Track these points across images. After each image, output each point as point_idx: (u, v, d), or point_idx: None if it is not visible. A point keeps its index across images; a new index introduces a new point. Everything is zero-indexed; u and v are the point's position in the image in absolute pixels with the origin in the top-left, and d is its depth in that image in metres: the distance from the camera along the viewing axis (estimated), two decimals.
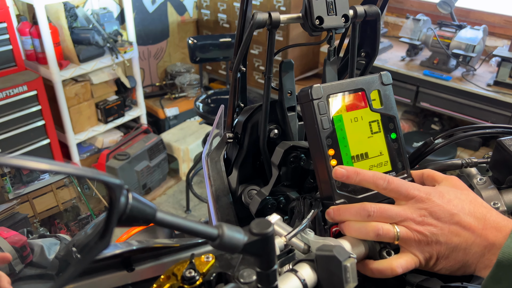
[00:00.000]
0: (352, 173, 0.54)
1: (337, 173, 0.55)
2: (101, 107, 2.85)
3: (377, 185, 0.54)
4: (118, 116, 2.94)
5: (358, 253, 0.54)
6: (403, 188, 0.53)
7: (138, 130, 2.99)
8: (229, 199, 0.73)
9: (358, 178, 0.54)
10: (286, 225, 0.55)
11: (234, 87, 0.70)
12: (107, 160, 2.73)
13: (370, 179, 0.54)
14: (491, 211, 0.53)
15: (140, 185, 2.87)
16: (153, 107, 3.40)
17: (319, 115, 0.57)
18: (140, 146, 2.86)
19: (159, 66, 3.67)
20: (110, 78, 2.87)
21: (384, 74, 0.62)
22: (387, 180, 0.54)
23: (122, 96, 2.97)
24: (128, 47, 2.83)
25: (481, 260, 0.50)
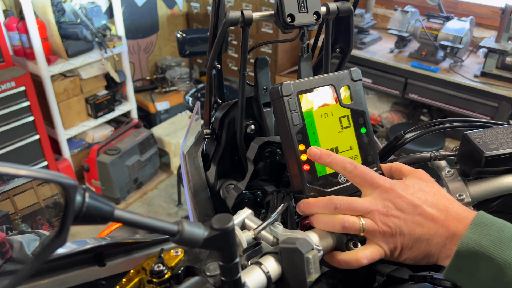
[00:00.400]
0: (324, 154, 0.57)
1: (311, 152, 0.57)
2: (90, 102, 2.84)
3: (345, 168, 0.56)
4: (108, 111, 2.94)
5: (325, 245, 0.55)
6: (368, 176, 0.55)
7: (128, 125, 3.00)
8: (207, 194, 0.74)
9: (329, 159, 0.57)
10: (256, 219, 0.56)
11: (210, 84, 0.71)
12: (98, 155, 2.73)
13: (340, 162, 0.56)
14: (454, 202, 0.54)
15: (132, 179, 2.88)
16: (143, 101, 3.40)
17: (289, 111, 0.59)
18: (130, 141, 2.86)
19: (149, 60, 3.66)
20: (100, 73, 2.87)
21: (353, 70, 0.63)
22: (355, 165, 0.56)
23: (112, 91, 2.97)
24: (117, 41, 2.82)
25: (443, 250, 0.52)
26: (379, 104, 3.09)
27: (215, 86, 0.75)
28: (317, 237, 0.55)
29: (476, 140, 0.61)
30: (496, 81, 2.45)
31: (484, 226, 0.50)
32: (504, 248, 0.48)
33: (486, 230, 0.50)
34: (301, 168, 0.59)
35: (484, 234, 0.49)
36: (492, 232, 0.49)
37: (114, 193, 2.80)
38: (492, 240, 0.49)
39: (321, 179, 0.60)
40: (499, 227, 0.50)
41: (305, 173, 0.59)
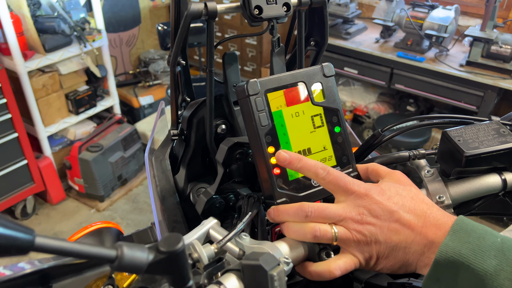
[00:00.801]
0: (294, 158, 0.53)
1: (279, 157, 0.53)
2: (71, 98, 2.77)
3: (317, 174, 0.52)
4: (90, 107, 2.87)
5: (296, 255, 0.52)
6: (342, 182, 0.51)
7: (111, 121, 2.93)
8: (175, 199, 0.70)
9: (300, 164, 0.53)
10: (222, 230, 0.52)
11: (175, 82, 0.66)
12: (80, 153, 2.66)
13: (312, 167, 0.52)
14: (432, 207, 0.51)
15: (115, 176, 2.82)
16: (126, 96, 3.32)
17: (256, 111, 0.54)
18: (113, 137, 2.80)
19: (131, 53, 3.57)
20: (80, 68, 2.79)
21: (326, 66, 0.59)
22: (328, 171, 0.52)
23: (93, 86, 2.89)
24: (97, 35, 2.74)
25: (421, 259, 0.49)
26: (366, 95, 3.06)
27: (181, 84, 0.70)
28: (287, 247, 0.51)
29: (456, 138, 0.57)
30: (481, 70, 2.43)
31: (463, 232, 0.47)
32: (484, 257, 0.44)
33: (465, 237, 0.46)
34: (270, 172, 0.55)
35: (464, 242, 0.46)
36: (472, 239, 0.46)
37: (97, 190, 2.74)
38: (472, 248, 0.45)
39: (293, 183, 0.56)
40: (480, 234, 0.46)
41: (275, 177, 0.55)
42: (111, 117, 2.99)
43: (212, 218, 0.53)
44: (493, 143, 0.56)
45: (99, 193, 2.75)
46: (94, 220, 2.69)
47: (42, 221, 2.68)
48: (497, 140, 0.56)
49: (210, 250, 0.46)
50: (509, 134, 0.57)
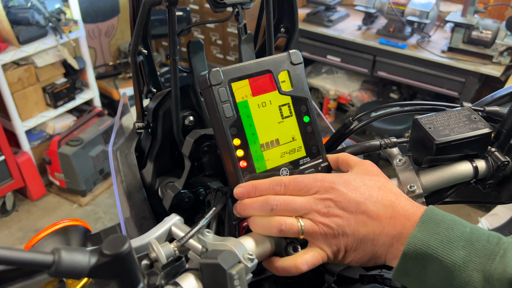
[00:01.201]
0: (250, 188, 0.51)
1: (237, 194, 0.52)
2: (48, 91, 2.69)
3: (276, 192, 0.51)
4: (69, 100, 2.80)
5: (262, 251, 0.50)
6: (303, 185, 0.50)
7: (91, 114, 2.87)
8: (142, 194, 0.67)
9: (257, 191, 0.51)
10: (185, 227, 0.50)
11: (136, 73, 0.63)
12: (59, 147, 2.61)
13: (267, 188, 0.51)
14: (400, 197, 0.49)
15: (97, 170, 2.77)
16: (107, 88, 3.26)
17: (220, 102, 0.52)
18: (93, 130, 2.74)
19: (111, 44, 3.50)
20: (56, 60, 2.71)
21: (293, 53, 0.57)
22: (283, 184, 0.50)
23: (71, 79, 2.82)
24: (73, 26, 2.66)
25: (390, 250, 0.47)
26: (349, 83, 3.05)
27: (145, 74, 0.67)
28: (252, 242, 0.49)
29: (427, 125, 0.55)
30: (463, 56, 2.43)
31: (432, 223, 0.46)
32: (453, 248, 0.43)
33: (434, 228, 0.45)
34: (236, 165, 0.53)
35: (433, 233, 0.45)
36: (441, 230, 0.45)
37: (79, 185, 2.69)
38: (440, 239, 0.44)
39: (261, 175, 0.54)
40: (449, 225, 0.45)
41: (242, 170, 0.53)
42: (91, 110, 2.93)
43: (175, 214, 0.51)
44: (464, 130, 0.55)
45: (81, 187, 2.70)
46: (76, 215, 2.65)
47: (22, 218, 2.63)
48: (468, 126, 0.55)
49: (169, 249, 0.44)
50: (480, 120, 0.56)
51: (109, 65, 3.49)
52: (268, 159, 0.54)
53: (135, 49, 0.60)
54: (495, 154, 0.56)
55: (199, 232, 0.47)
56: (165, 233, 0.49)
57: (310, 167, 0.57)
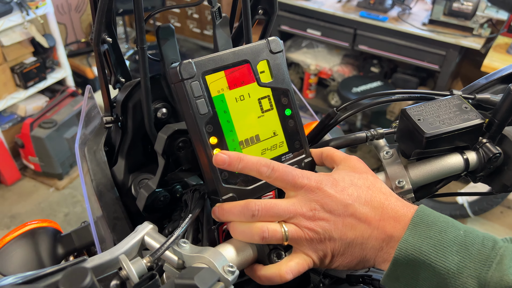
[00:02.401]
0: (234, 159, 0.46)
1: (217, 160, 0.46)
2: (17, 71, 2.56)
3: (261, 173, 0.46)
4: (39, 80, 2.67)
5: (244, 259, 0.47)
6: (290, 177, 0.46)
7: (63, 94, 2.75)
8: (114, 194, 0.63)
9: (241, 165, 0.46)
10: (160, 236, 0.46)
11: (101, 63, 0.57)
12: (32, 130, 2.50)
13: (254, 165, 0.46)
14: (390, 197, 0.46)
15: (73, 153, 2.69)
16: (80, 66, 3.12)
17: (193, 98, 0.47)
18: (67, 111, 2.64)
19: (82, 20, 3.34)
20: (24, 38, 2.57)
21: (272, 41, 0.52)
22: (272, 167, 0.46)
23: (41, 57, 2.68)
24: (40, 1, 2.51)
25: (379, 254, 0.45)
26: (329, 57, 3.00)
27: (111, 63, 0.61)
28: (233, 251, 0.46)
29: (416, 117, 0.52)
30: (444, 28, 2.40)
31: (424, 226, 0.43)
32: (446, 253, 0.41)
33: (426, 232, 0.42)
34: (213, 166, 0.48)
35: (425, 237, 0.42)
36: (433, 233, 0.42)
37: (55, 169, 2.61)
38: (433, 244, 0.41)
39: (241, 175, 0.50)
40: (441, 227, 0.42)
41: (220, 170, 0.49)
42: (63, 90, 2.81)
43: (148, 223, 0.47)
44: (455, 121, 0.52)
45: (57, 171, 2.62)
46: (54, 199, 2.58)
47: None
48: (459, 117, 0.52)
49: (141, 265, 0.40)
50: (471, 110, 0.53)
51: (81, 42, 3.34)
52: None
53: (98, 38, 0.54)
54: (486, 145, 0.53)
55: (175, 243, 0.44)
56: (137, 244, 0.45)
57: (293, 164, 0.53)
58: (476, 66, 2.50)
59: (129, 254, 0.44)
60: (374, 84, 2.75)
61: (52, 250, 0.65)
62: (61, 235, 0.68)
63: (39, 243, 0.65)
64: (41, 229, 0.67)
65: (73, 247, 0.68)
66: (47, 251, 0.65)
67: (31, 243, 0.65)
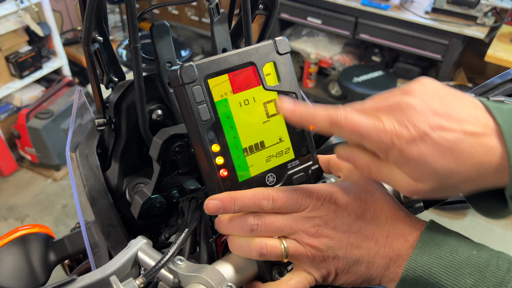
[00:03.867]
0: (227, 201, 0.43)
1: (209, 208, 0.43)
2: (12, 60, 2.51)
3: (262, 207, 0.43)
4: (35, 69, 2.62)
5: (244, 276, 0.44)
6: (294, 200, 0.43)
7: (60, 84, 2.71)
8: (108, 200, 0.60)
9: (237, 205, 0.43)
10: (154, 252, 0.43)
11: (92, 63, 0.54)
12: (28, 121, 2.47)
13: (251, 202, 0.43)
14: (398, 212, 0.43)
15: None
16: (76, 55, 3.07)
17: (194, 103, 0.44)
18: (64, 102, 2.60)
19: (78, 8, 3.27)
20: (18, 27, 2.51)
21: (280, 41, 0.49)
22: (271, 197, 0.43)
23: (36, 46, 2.63)
24: None
25: (386, 274, 0.42)
26: (330, 46, 2.95)
27: (103, 63, 0.58)
28: (231, 269, 0.43)
29: None
30: (447, 17, 2.35)
31: (434, 245, 0.40)
32: (458, 276, 0.38)
33: (436, 251, 0.40)
34: (216, 176, 0.45)
35: (435, 257, 0.39)
36: (444, 253, 0.39)
37: (52, 160, 2.58)
38: (444, 265, 0.39)
39: (244, 185, 0.47)
40: (453, 246, 0.40)
41: (222, 180, 0.46)
42: (60, 79, 2.76)
43: (141, 237, 0.44)
44: None
45: (54, 162, 2.59)
46: (51, 190, 2.56)
47: None
48: None
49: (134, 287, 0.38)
50: None
51: (77, 30, 3.28)
52: (252, 165, 0.47)
53: (87, 37, 0.50)
54: None
55: (170, 260, 0.41)
56: (130, 261, 0.42)
57: (299, 171, 0.50)
58: (479, 56, 2.46)
59: (122, 271, 0.42)
60: (375, 74, 2.71)
61: (44, 258, 0.63)
62: (54, 240, 0.66)
63: (30, 250, 0.63)
64: (32, 235, 0.64)
65: (66, 253, 0.65)
66: (38, 259, 0.62)
67: (22, 251, 0.62)
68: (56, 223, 2.36)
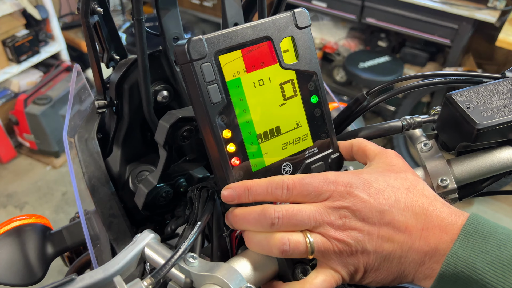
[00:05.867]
0: (242, 191, 0.39)
1: (225, 196, 0.40)
2: (9, 44, 2.45)
3: (276, 197, 0.39)
4: (33, 54, 2.56)
5: (263, 276, 0.39)
6: (311, 188, 0.38)
7: (58, 69, 2.64)
8: (109, 188, 0.55)
9: (251, 195, 0.39)
10: (162, 248, 0.39)
11: (91, 37, 0.49)
12: (26, 106, 2.41)
13: (264, 191, 0.39)
14: (435, 201, 0.39)
15: None
16: (74, 39, 3.00)
17: (204, 83, 0.39)
18: (62, 87, 2.54)
19: None
20: (15, 10, 2.44)
21: (299, 13, 0.43)
22: (286, 186, 0.38)
23: (33, 30, 2.56)
24: None
25: (420, 270, 0.38)
26: (335, 31, 2.88)
27: (103, 38, 0.53)
28: (249, 267, 0.39)
29: (464, 104, 0.44)
30: (456, 0, 2.28)
31: (478, 238, 0.35)
32: (506, 273, 0.33)
33: (481, 245, 0.35)
34: (227, 164, 0.41)
35: (479, 252, 0.35)
36: (490, 247, 0.35)
37: (51, 146, 2.53)
38: (490, 261, 0.34)
39: (258, 174, 0.42)
40: (500, 240, 0.35)
41: (235, 169, 0.41)
42: (58, 64, 2.70)
43: (148, 232, 0.40)
44: (511, 109, 0.43)
45: (53, 149, 2.55)
46: (51, 178, 2.51)
47: None
48: None
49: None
50: None
51: (75, 13, 3.19)
52: (266, 153, 0.43)
53: (86, 8, 0.45)
54: None
55: (181, 258, 0.36)
56: (136, 258, 0.38)
57: (318, 160, 0.45)
58: (489, 41, 2.39)
59: (127, 270, 0.37)
60: (382, 59, 2.65)
61: (41, 250, 0.58)
62: (51, 232, 0.61)
63: (27, 242, 0.58)
64: (28, 226, 0.60)
65: (65, 246, 0.61)
66: (35, 251, 0.58)
67: (18, 242, 0.58)
68: (56, 210, 2.32)
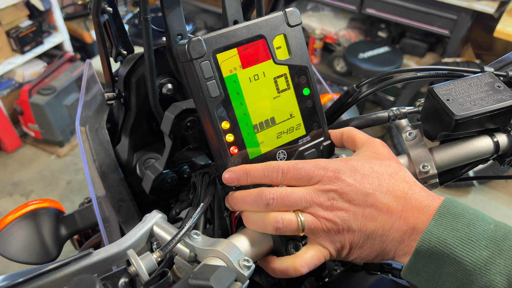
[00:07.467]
0: (241, 174, 0.44)
1: (226, 178, 0.45)
2: (13, 35, 2.48)
3: (272, 180, 0.43)
4: (36, 45, 2.59)
5: (260, 250, 0.44)
6: (303, 173, 0.43)
7: (62, 59, 2.68)
8: (119, 175, 0.60)
9: (249, 178, 0.44)
10: (169, 226, 0.43)
11: (101, 34, 0.53)
12: (30, 97, 2.45)
13: (261, 174, 0.44)
14: (414, 186, 0.43)
15: (73, 120, 2.64)
16: (77, 30, 3.02)
17: (203, 80, 0.43)
18: (66, 77, 2.57)
19: None
20: (19, 1, 2.47)
21: (290, 12, 0.47)
22: (281, 170, 0.43)
23: (37, 21, 2.59)
24: None
25: (400, 247, 0.42)
26: (336, 21, 2.90)
27: (112, 35, 0.57)
28: (247, 242, 0.43)
29: (444, 97, 0.48)
30: None
31: (451, 217, 0.40)
32: (474, 248, 0.38)
33: (453, 224, 0.39)
34: (226, 152, 0.45)
35: (451, 229, 0.39)
36: (461, 226, 0.39)
37: (55, 136, 2.57)
38: (460, 237, 0.38)
39: (255, 161, 0.47)
40: (470, 220, 0.39)
41: (233, 157, 0.45)
42: (61, 55, 2.73)
43: (156, 212, 0.44)
44: (487, 102, 0.47)
45: (58, 138, 2.59)
46: (55, 167, 2.56)
47: None
48: (492, 98, 0.48)
49: (151, 261, 0.38)
50: (504, 89, 0.49)
51: (78, 4, 3.21)
52: (262, 142, 0.47)
53: (97, 8, 0.49)
54: None
55: (186, 234, 0.41)
56: (146, 235, 0.42)
57: (310, 147, 0.50)
58: (488, 31, 2.41)
59: (137, 245, 0.42)
60: (382, 50, 2.67)
61: (55, 232, 0.63)
62: (64, 215, 0.66)
63: (42, 224, 0.63)
64: (43, 209, 0.65)
65: (77, 228, 0.65)
66: (50, 233, 0.62)
67: (33, 225, 0.62)
68: (61, 199, 2.37)
